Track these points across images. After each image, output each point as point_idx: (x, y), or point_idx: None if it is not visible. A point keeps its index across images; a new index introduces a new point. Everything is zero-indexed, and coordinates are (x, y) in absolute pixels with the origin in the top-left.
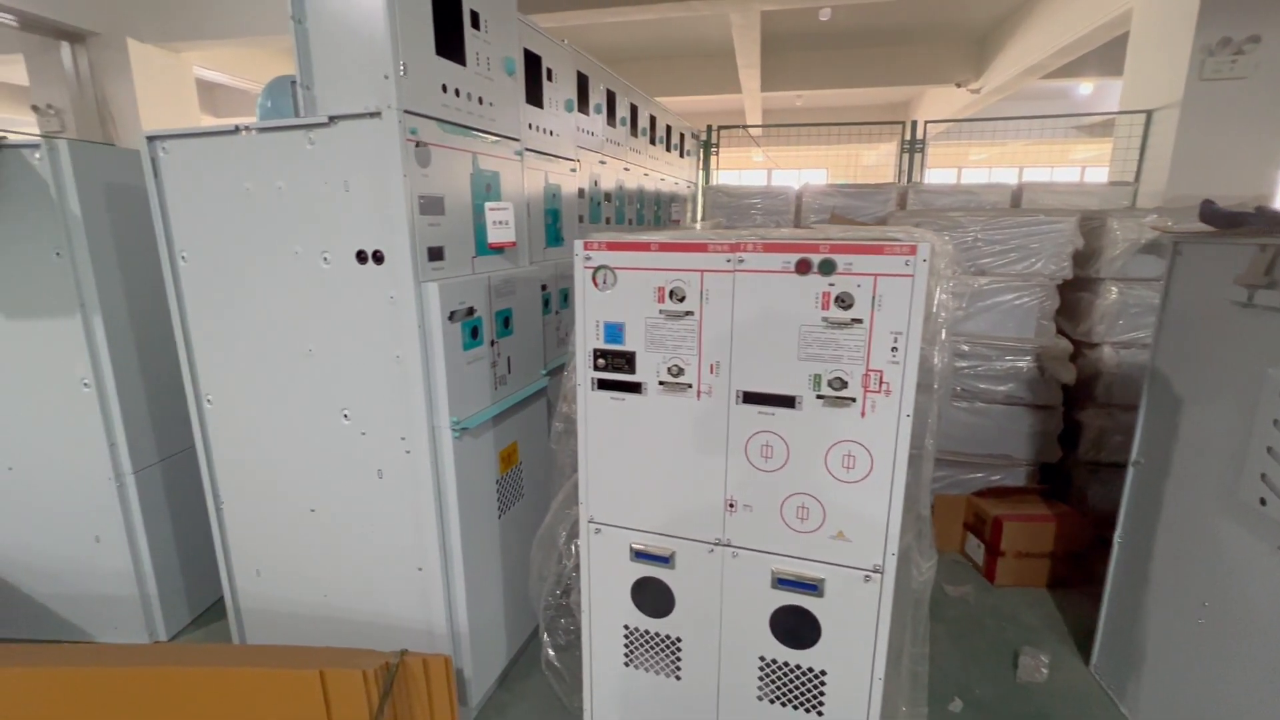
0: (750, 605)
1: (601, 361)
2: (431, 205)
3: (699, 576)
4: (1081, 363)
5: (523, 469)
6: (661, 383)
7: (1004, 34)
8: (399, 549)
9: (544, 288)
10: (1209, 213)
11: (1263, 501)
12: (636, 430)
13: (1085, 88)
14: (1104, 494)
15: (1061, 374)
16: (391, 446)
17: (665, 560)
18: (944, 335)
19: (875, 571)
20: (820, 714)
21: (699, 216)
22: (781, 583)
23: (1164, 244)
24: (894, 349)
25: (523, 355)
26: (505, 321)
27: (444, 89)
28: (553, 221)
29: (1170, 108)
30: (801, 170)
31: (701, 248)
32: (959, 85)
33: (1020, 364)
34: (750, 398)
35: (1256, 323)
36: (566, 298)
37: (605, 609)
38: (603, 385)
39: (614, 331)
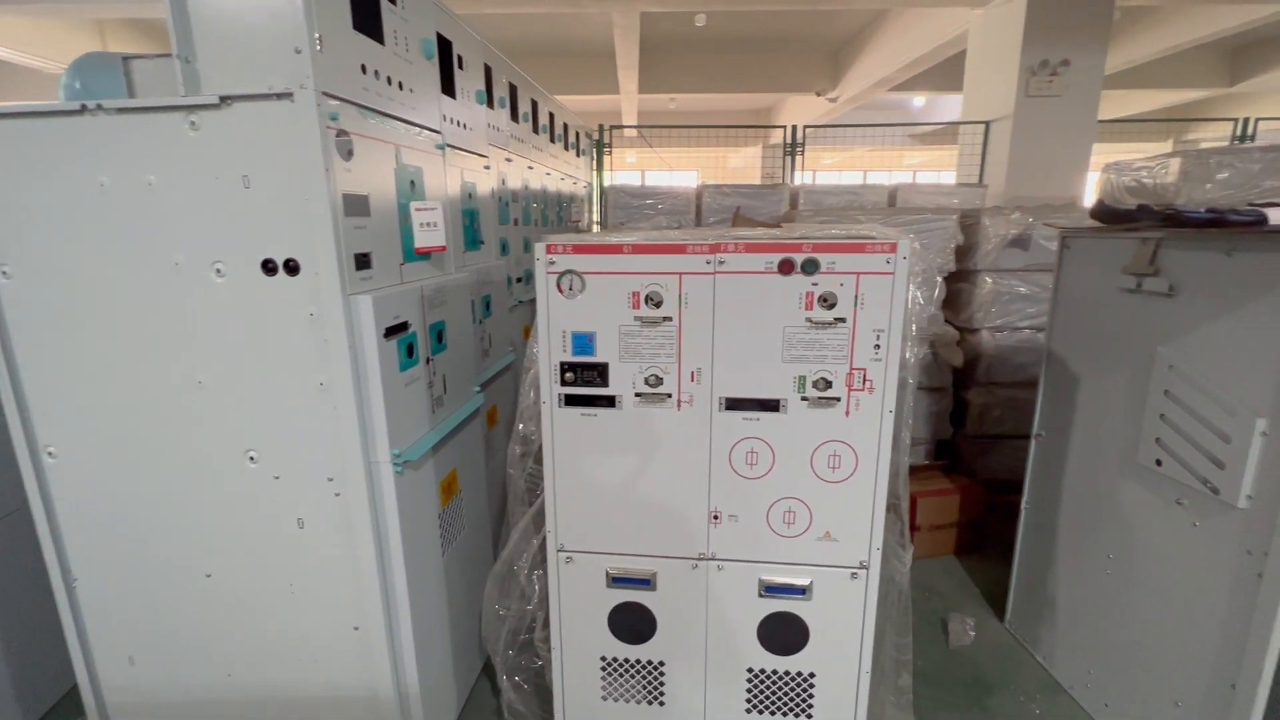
0: (737, 618)
1: (570, 375)
2: (356, 205)
3: (682, 595)
4: (964, 347)
5: (463, 498)
6: (638, 394)
7: (857, 48)
8: (329, 607)
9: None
10: (1101, 210)
11: (1158, 462)
12: (611, 447)
13: (919, 100)
14: (990, 463)
15: (952, 358)
16: (316, 490)
17: (645, 583)
18: (914, 330)
19: (861, 568)
20: (810, 717)
21: (597, 218)
22: (769, 590)
23: (1029, 238)
24: (877, 346)
25: (457, 372)
26: (439, 335)
27: (363, 69)
28: (470, 223)
29: (1004, 119)
30: (673, 171)
31: (680, 249)
32: (818, 94)
33: (916, 350)
34: (734, 404)
35: (1145, 307)
36: (489, 306)
37: (579, 642)
38: (571, 401)
39: (583, 342)
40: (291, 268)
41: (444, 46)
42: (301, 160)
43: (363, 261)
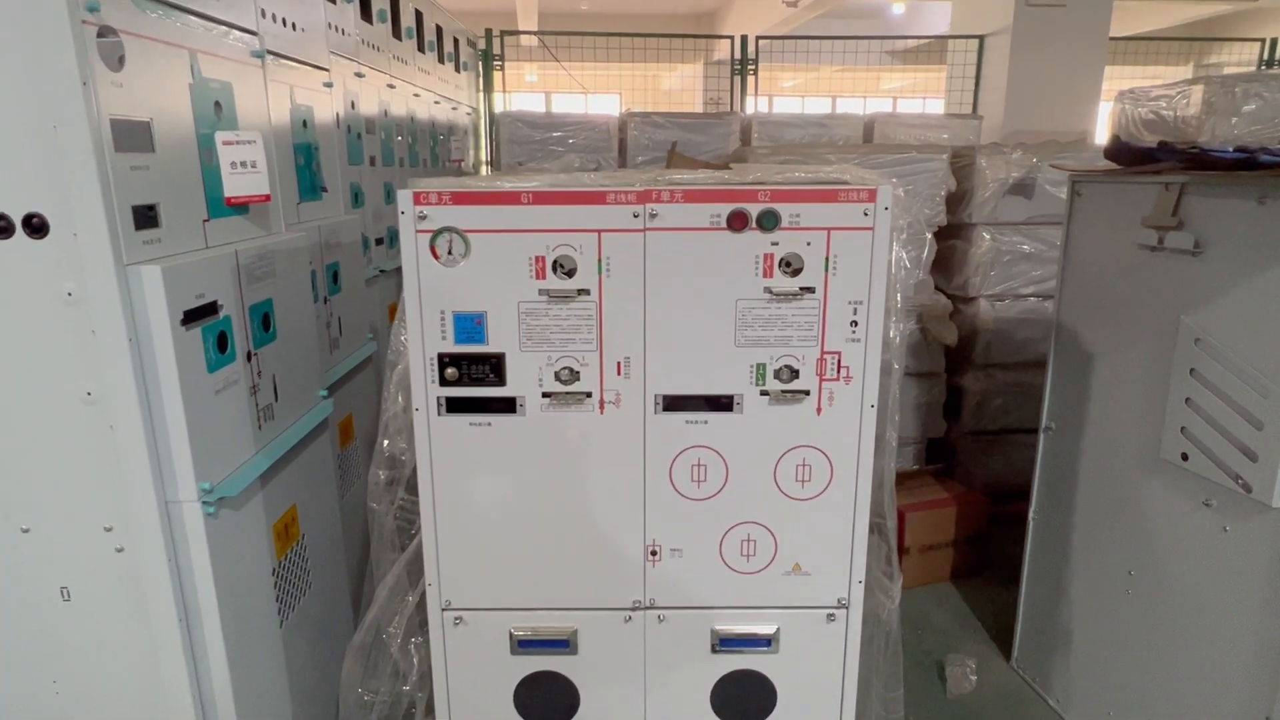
0: (686, 682)
1: (452, 372)
2: (133, 136)
3: (613, 658)
4: (958, 320)
5: (306, 544)
6: (547, 394)
7: None
8: (111, 706)
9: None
10: (1117, 149)
11: (1184, 456)
12: (511, 467)
13: (898, 7)
14: (992, 465)
15: (945, 335)
16: (87, 545)
17: (563, 644)
18: (899, 302)
19: (839, 607)
20: None
21: (486, 157)
22: (726, 644)
23: (1033, 183)
24: (854, 323)
25: (293, 371)
26: (264, 321)
27: None
28: (306, 163)
29: (1001, 33)
30: (588, 95)
31: (598, 198)
32: None
33: (900, 327)
34: (674, 403)
35: (1167, 267)
36: (337, 278)
37: None
38: (456, 406)
39: (469, 326)
40: (36, 226)
41: None
42: (46, 69)
43: (146, 217)
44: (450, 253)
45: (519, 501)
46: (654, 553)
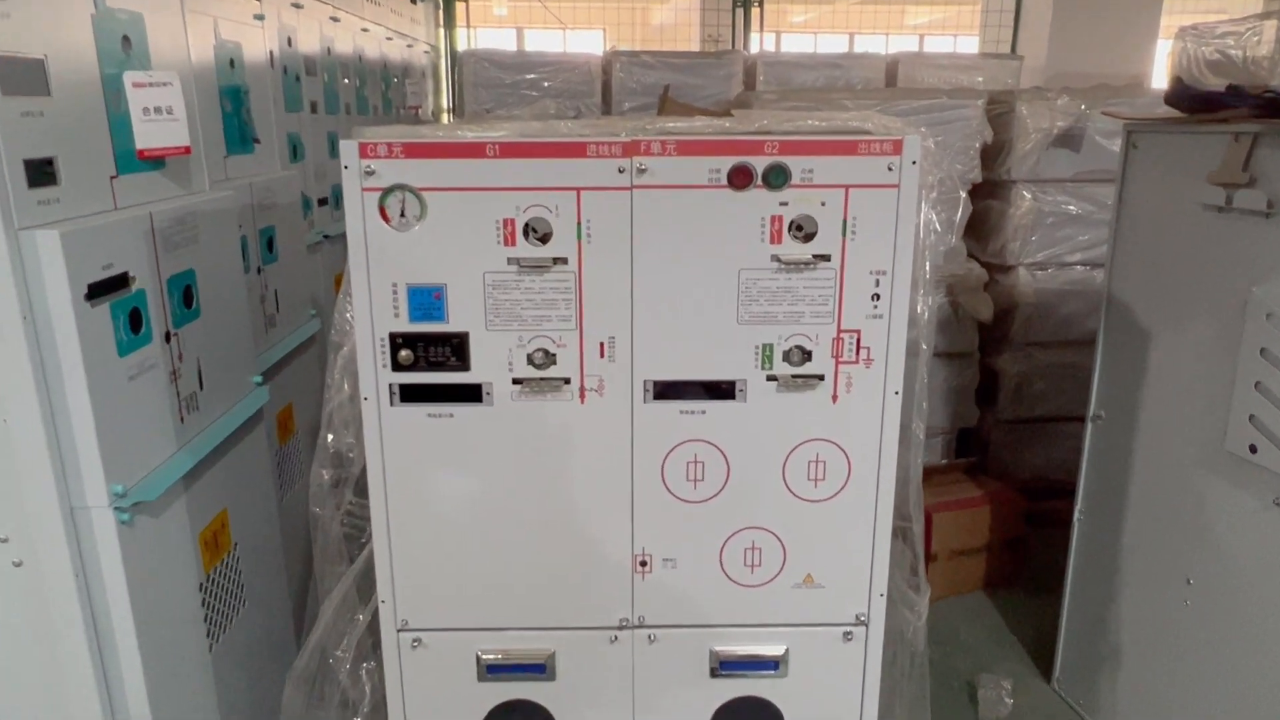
0: (680, 711)
1: (407, 354)
2: (22, 76)
3: (596, 684)
4: (994, 292)
5: (240, 556)
6: (518, 380)
7: None
8: None
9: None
10: (1179, 93)
11: (1253, 449)
12: (477, 464)
13: None
14: (1031, 459)
15: (979, 310)
16: None
17: (539, 669)
18: (928, 272)
19: (859, 624)
20: None
21: (449, 103)
22: (727, 667)
23: (1082, 134)
24: (875, 297)
25: (221, 353)
26: (185, 295)
27: None
28: (234, 109)
29: None
30: (567, 31)
31: (578, 150)
32: None
33: (929, 300)
34: (666, 391)
35: (1236, 230)
36: (272, 245)
37: None
38: (411, 395)
39: (426, 301)
40: None
41: None
42: None
43: (41, 173)
44: (403, 215)
45: (486, 505)
46: (644, 563)
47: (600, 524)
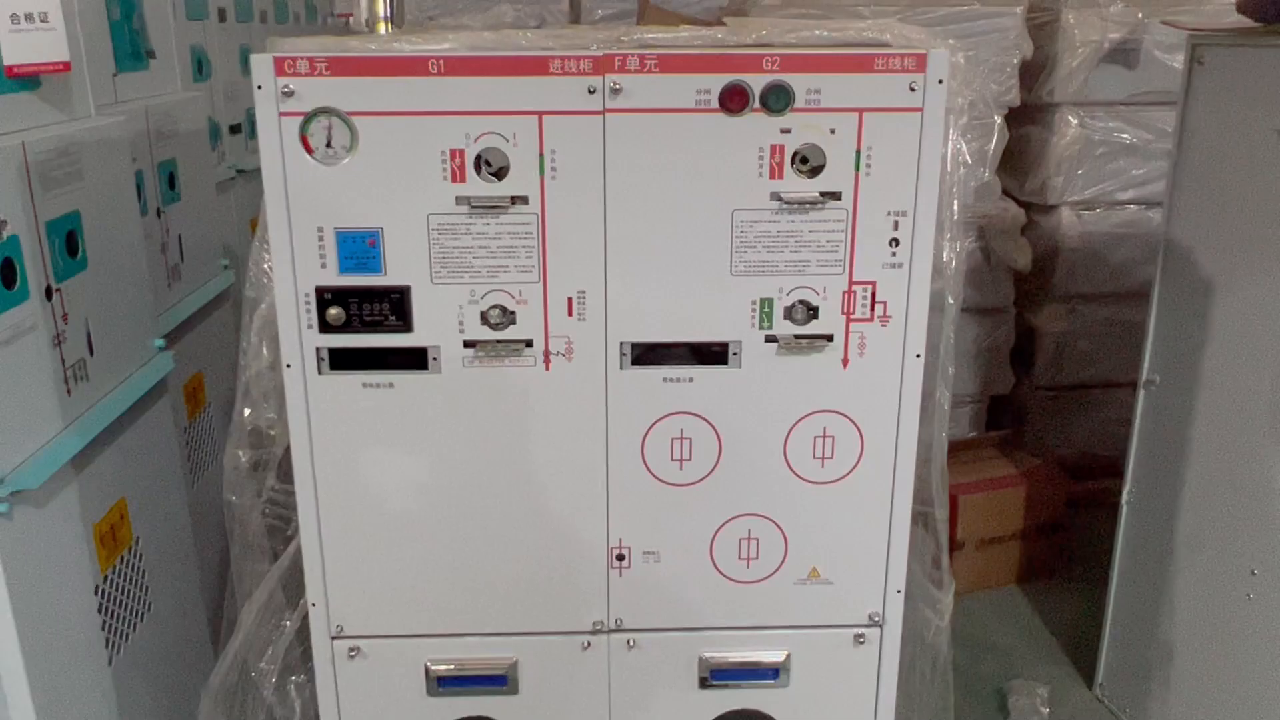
0: None
1: (337, 313)
2: None
3: (566, 697)
4: (1032, 236)
5: (143, 551)
6: (470, 343)
7: None
8: None
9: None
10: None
11: None
12: (423, 443)
13: None
14: (1074, 431)
15: (1015, 256)
16: None
17: (499, 681)
18: (956, 212)
19: (872, 624)
20: None
21: (386, 10)
22: (718, 676)
23: (1138, 49)
24: (894, 242)
25: (114, 312)
26: (69, 242)
27: None
28: (124, 15)
29: None
30: None
31: (538, 66)
32: None
33: (957, 246)
34: (647, 355)
35: None
36: (174, 181)
37: None
38: (343, 361)
39: (359, 249)
40: None
41: None
42: None
43: None
44: (330, 145)
45: (434, 491)
46: (621, 557)
47: (570, 512)
